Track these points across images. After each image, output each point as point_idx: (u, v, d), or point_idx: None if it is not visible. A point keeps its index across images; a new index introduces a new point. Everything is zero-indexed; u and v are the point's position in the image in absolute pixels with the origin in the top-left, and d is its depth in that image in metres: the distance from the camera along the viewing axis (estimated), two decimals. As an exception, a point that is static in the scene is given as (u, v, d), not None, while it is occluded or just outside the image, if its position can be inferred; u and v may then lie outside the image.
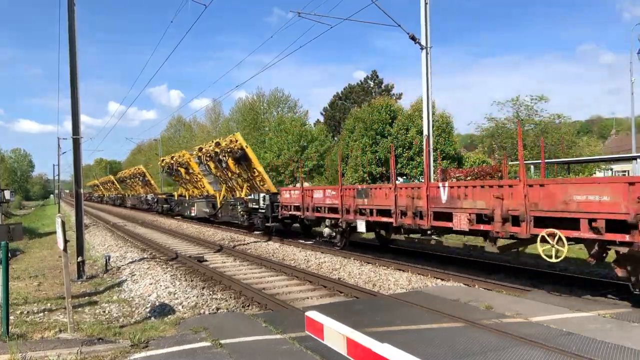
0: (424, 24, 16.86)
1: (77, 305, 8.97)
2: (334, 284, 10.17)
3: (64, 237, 6.95)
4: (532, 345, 5.50)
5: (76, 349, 5.69)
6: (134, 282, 11.24)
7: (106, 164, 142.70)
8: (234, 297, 9.68)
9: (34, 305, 8.99)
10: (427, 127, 16.98)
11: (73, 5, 12.33)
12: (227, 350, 5.66)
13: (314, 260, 13.67)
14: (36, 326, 7.36)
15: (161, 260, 14.43)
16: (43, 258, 16.12)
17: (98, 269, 13.44)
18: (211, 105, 67.77)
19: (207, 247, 17.69)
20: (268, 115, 56.56)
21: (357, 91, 55.29)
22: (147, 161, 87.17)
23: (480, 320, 6.60)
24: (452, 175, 24.82)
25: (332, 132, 51.90)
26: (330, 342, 2.91)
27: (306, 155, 40.93)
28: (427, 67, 16.72)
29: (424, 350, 5.42)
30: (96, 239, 21.91)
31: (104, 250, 17.48)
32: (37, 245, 20.85)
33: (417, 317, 6.91)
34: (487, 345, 5.56)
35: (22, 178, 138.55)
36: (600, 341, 5.61)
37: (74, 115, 12.45)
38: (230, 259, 14.63)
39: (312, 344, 5.41)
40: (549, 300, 7.87)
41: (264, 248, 16.70)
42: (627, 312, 7.05)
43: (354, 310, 7.62)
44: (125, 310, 8.80)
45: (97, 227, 28.55)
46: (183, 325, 7.02)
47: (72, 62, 12.28)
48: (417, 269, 11.35)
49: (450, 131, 32.55)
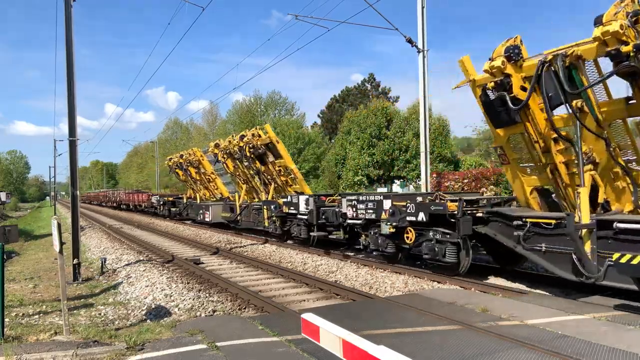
0: (420, 27, 16.94)
1: (73, 307, 8.94)
2: (331, 287, 10.17)
3: (59, 239, 6.93)
4: (528, 348, 5.51)
5: (71, 352, 5.67)
6: (130, 285, 11.21)
7: (102, 166, 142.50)
8: (231, 299, 9.67)
9: (30, 308, 8.95)
10: (424, 130, 17.04)
11: (70, 6, 12.33)
12: (223, 352, 5.66)
13: (311, 262, 13.66)
14: (31, 328, 7.33)
15: (157, 263, 14.40)
16: (39, 260, 16.07)
17: (94, 272, 13.41)
18: (208, 108, 67.82)
19: (203, 249, 17.66)
20: (265, 117, 56.57)
21: (355, 94, 55.45)
22: (144, 164, 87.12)
23: (477, 323, 6.62)
24: (450, 179, 24.92)
25: (329, 135, 51.99)
26: (326, 344, 2.91)
27: (303, 158, 40.96)
28: (424, 70, 16.79)
29: (420, 353, 5.43)
30: (92, 241, 21.84)
31: (100, 252, 17.43)
32: (33, 247, 20.80)
33: (414, 320, 6.92)
34: (483, 348, 5.58)
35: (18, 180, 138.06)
36: (595, 344, 5.63)
37: (70, 117, 12.42)
38: (226, 262, 14.61)
39: (309, 346, 5.41)
40: (544, 303, 7.90)
41: (261, 250, 16.69)
42: (622, 315, 7.07)
43: (351, 313, 7.62)
44: (121, 313, 8.78)
45: (93, 229, 28.47)
46: (179, 328, 7.00)
47: (69, 63, 12.26)
48: (414, 271, 11.37)
49: (447, 134, 32.64)
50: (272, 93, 58.88)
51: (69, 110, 12.37)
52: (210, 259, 15.26)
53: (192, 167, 28.66)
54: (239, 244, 18.66)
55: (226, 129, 56.40)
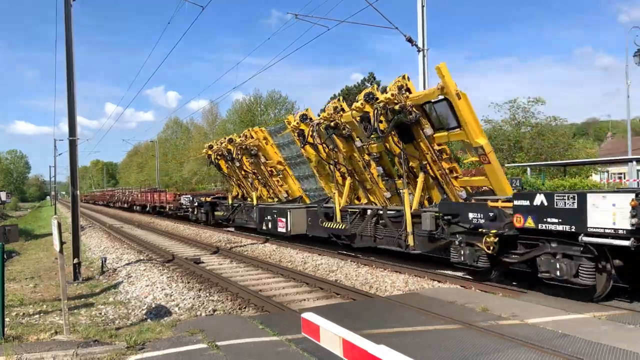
0: (420, 26, 16.93)
1: (73, 307, 8.94)
2: (331, 286, 10.17)
3: (60, 238, 6.94)
4: (528, 347, 5.52)
5: (72, 351, 5.67)
6: (130, 284, 11.22)
7: (103, 166, 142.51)
8: (231, 299, 9.67)
9: (30, 307, 8.96)
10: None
11: (70, 5, 12.32)
12: (224, 352, 5.66)
13: (311, 262, 13.66)
14: (32, 328, 7.33)
15: (158, 262, 14.41)
16: (39, 260, 16.07)
17: (94, 271, 13.41)
18: (208, 107, 67.70)
19: (203, 248, 17.66)
20: (265, 116, 56.54)
21: (355, 93, 55.30)
22: (144, 163, 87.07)
23: (477, 322, 6.62)
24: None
25: (329, 134, 51.90)
26: (326, 343, 2.92)
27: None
28: (424, 70, 16.79)
29: (419, 352, 5.43)
30: (92, 240, 21.85)
31: (100, 252, 17.43)
32: (33, 247, 20.80)
33: (414, 319, 6.92)
34: (482, 348, 5.58)
35: (18, 179, 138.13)
36: (595, 343, 5.63)
37: (70, 117, 12.42)
38: (227, 261, 14.62)
39: (309, 345, 5.41)
40: (544, 302, 7.90)
41: (261, 250, 16.69)
42: (622, 314, 7.08)
43: (351, 312, 7.62)
44: (121, 312, 8.78)
45: (93, 229, 28.48)
46: (179, 327, 7.00)
47: (69, 62, 12.26)
48: (414, 270, 11.36)
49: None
50: (272, 92, 58.80)
51: (68, 110, 12.37)
52: (211, 258, 15.27)
53: (246, 155, 20.52)
54: (239, 243, 18.65)
55: (226, 129, 56.37)
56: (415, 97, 10.89)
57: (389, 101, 10.96)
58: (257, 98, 58.59)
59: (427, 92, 10.79)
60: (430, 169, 11.53)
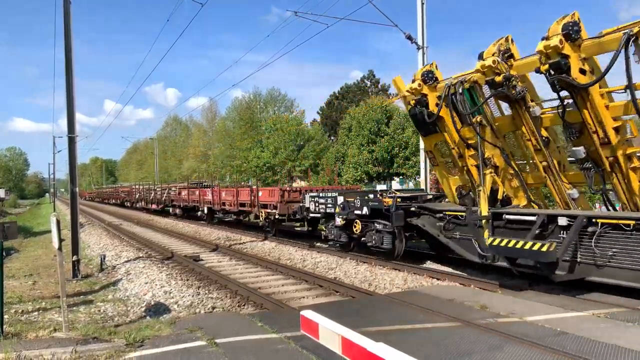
0: (420, 24, 16.91)
1: (72, 304, 8.94)
2: (330, 284, 10.18)
3: (59, 236, 6.93)
4: (527, 345, 5.52)
5: (71, 348, 5.67)
6: (130, 281, 11.22)
7: (102, 163, 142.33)
8: (230, 296, 9.67)
9: (29, 304, 8.95)
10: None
11: (68, 2, 12.28)
12: (223, 349, 5.66)
13: (310, 259, 13.67)
14: (31, 325, 7.33)
15: (157, 260, 14.40)
16: (38, 257, 16.06)
17: (93, 268, 13.41)
18: (208, 104, 67.57)
19: (203, 246, 17.65)
20: (265, 114, 56.47)
21: (354, 91, 55.35)
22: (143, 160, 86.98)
23: (476, 319, 6.62)
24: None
25: (329, 132, 51.93)
26: (325, 341, 2.91)
27: (303, 155, 40.92)
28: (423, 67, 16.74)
29: (418, 349, 5.44)
30: (91, 238, 21.84)
31: (99, 249, 17.43)
32: (32, 244, 20.78)
33: (413, 317, 6.92)
34: (481, 345, 5.58)
35: (17, 177, 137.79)
36: (594, 341, 5.63)
37: (69, 114, 12.40)
38: (226, 258, 14.61)
39: (308, 343, 5.41)
40: (543, 299, 7.91)
41: (260, 247, 16.68)
42: (621, 311, 7.08)
43: (350, 310, 7.62)
44: (120, 310, 8.78)
45: (92, 226, 28.46)
46: (178, 325, 7.00)
47: (68, 59, 12.23)
48: (413, 268, 11.37)
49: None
50: (271, 90, 58.66)
51: (67, 107, 12.34)
52: (210, 255, 15.26)
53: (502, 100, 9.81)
54: (238, 241, 18.65)
55: (225, 126, 56.30)
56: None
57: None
58: (257, 96, 58.53)
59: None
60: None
